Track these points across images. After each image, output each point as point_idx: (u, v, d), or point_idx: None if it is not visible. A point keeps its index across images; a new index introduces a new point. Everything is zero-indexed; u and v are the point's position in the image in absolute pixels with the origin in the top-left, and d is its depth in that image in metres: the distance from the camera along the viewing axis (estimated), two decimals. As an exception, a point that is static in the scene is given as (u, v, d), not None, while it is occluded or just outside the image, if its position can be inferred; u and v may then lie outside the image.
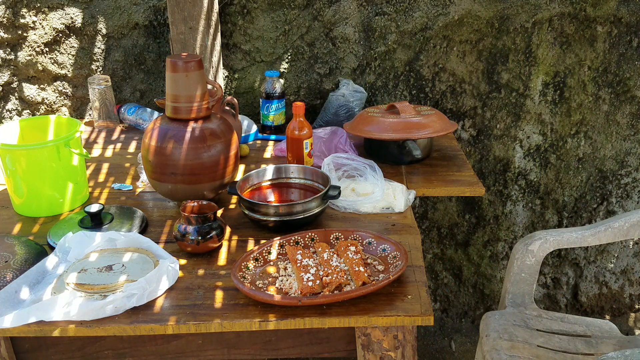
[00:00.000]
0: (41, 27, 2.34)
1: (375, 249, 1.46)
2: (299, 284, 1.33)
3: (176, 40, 2.26)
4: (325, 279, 1.32)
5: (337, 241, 1.49)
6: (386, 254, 1.44)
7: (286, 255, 1.45)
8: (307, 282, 1.31)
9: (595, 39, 2.35)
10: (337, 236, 1.50)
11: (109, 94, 2.27)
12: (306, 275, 1.33)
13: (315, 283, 1.31)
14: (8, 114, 2.47)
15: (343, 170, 1.82)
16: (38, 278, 1.38)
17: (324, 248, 1.43)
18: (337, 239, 1.49)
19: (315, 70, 2.40)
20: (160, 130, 1.63)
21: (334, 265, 1.36)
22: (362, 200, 1.68)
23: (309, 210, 1.57)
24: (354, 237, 1.49)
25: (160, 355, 1.34)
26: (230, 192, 1.66)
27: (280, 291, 1.33)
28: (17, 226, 1.66)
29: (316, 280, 1.32)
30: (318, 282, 1.32)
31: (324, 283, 1.32)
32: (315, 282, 1.32)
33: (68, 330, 1.25)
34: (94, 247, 1.45)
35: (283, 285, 1.34)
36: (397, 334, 1.29)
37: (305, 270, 1.35)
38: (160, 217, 1.69)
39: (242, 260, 1.40)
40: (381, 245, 1.46)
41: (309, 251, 1.45)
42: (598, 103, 2.44)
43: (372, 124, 1.97)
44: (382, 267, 1.41)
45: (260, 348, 1.34)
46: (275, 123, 2.28)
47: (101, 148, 2.17)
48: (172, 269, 1.37)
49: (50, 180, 1.68)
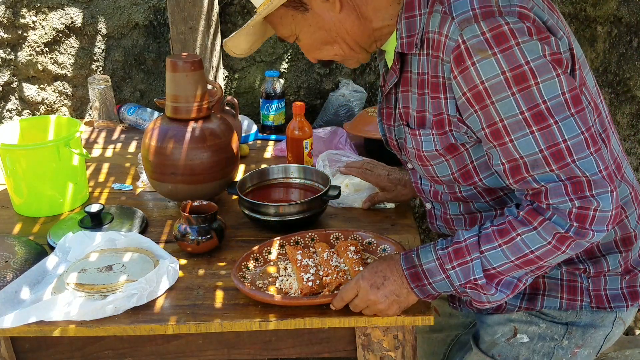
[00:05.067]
0: (41, 27, 2.34)
1: (376, 249, 1.46)
2: (299, 284, 1.33)
3: (176, 40, 2.26)
4: (326, 279, 1.32)
5: (337, 241, 1.49)
6: (386, 253, 1.44)
7: (286, 255, 1.45)
8: (307, 282, 1.31)
9: (595, 39, 2.35)
10: (337, 236, 1.50)
11: (109, 94, 2.27)
12: (306, 275, 1.33)
13: (315, 283, 1.31)
14: (8, 114, 2.47)
15: (338, 166, 1.83)
16: (38, 278, 1.38)
17: (324, 248, 1.43)
18: (337, 239, 1.49)
19: (315, 70, 2.40)
20: (161, 130, 1.63)
21: (334, 265, 1.36)
22: (355, 196, 1.69)
23: (309, 210, 1.57)
24: (354, 237, 1.49)
25: (160, 355, 1.34)
26: (230, 192, 1.66)
27: (281, 291, 1.33)
28: (17, 226, 1.66)
29: (316, 280, 1.32)
30: (318, 282, 1.32)
31: (324, 283, 1.32)
32: (315, 282, 1.32)
33: (68, 330, 1.25)
34: (94, 247, 1.45)
35: (283, 286, 1.34)
36: (397, 333, 1.29)
37: (305, 270, 1.35)
38: (160, 217, 1.69)
39: (243, 260, 1.40)
40: (381, 245, 1.46)
41: (309, 251, 1.45)
42: (598, 103, 2.45)
43: (372, 124, 1.97)
44: None
45: (260, 348, 1.34)
46: (275, 123, 2.28)
47: (101, 148, 2.17)
48: (172, 269, 1.37)
49: (51, 180, 1.68)
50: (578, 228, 1.06)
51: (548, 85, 1.03)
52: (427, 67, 1.15)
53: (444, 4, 1.10)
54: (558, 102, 1.04)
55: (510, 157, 1.09)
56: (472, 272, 1.13)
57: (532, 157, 1.07)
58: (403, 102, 1.26)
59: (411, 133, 1.24)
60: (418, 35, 1.16)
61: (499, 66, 1.03)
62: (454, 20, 1.07)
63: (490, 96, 1.05)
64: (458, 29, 1.06)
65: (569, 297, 1.29)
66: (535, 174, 1.07)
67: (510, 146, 1.07)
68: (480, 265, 1.12)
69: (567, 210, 1.06)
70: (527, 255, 1.10)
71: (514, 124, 1.05)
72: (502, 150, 1.09)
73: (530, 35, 1.03)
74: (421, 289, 1.19)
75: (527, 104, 1.04)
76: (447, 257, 1.15)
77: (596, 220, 1.06)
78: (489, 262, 1.12)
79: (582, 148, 1.05)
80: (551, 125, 1.04)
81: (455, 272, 1.15)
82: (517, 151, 1.07)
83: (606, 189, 1.05)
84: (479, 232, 1.14)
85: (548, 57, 1.04)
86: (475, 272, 1.13)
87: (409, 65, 1.21)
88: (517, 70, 1.03)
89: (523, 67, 1.03)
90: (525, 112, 1.04)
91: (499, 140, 1.08)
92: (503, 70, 1.03)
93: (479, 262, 1.12)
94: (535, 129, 1.05)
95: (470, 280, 1.14)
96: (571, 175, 1.05)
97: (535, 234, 1.09)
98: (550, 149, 1.05)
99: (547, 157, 1.05)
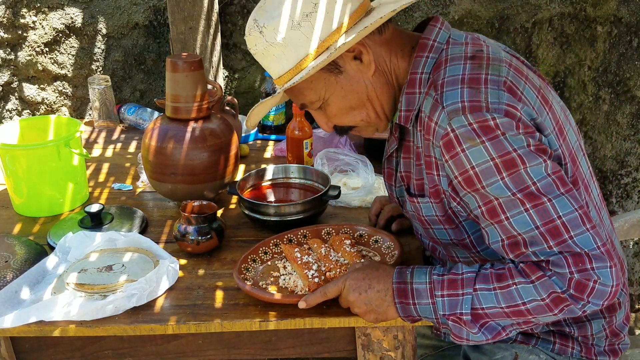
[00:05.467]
0: (41, 27, 2.34)
1: (368, 241, 1.47)
2: (304, 281, 1.32)
3: (176, 40, 2.26)
4: (329, 274, 1.32)
5: (328, 236, 1.49)
6: (379, 245, 1.45)
7: (282, 253, 1.45)
8: (312, 278, 1.31)
9: (595, 39, 2.35)
10: (329, 231, 1.50)
11: (109, 94, 2.27)
12: (310, 272, 1.33)
13: (320, 279, 1.31)
14: (8, 114, 2.47)
15: (336, 165, 1.83)
16: (38, 278, 1.38)
17: (319, 244, 1.43)
18: (329, 234, 1.50)
19: (315, 70, 2.40)
20: (161, 130, 1.63)
21: (334, 260, 1.36)
22: (353, 194, 1.69)
23: (309, 210, 1.57)
24: (345, 230, 1.49)
25: (160, 355, 1.34)
26: (230, 192, 1.66)
27: (286, 290, 1.33)
28: (17, 226, 1.66)
29: (320, 276, 1.32)
30: (323, 278, 1.32)
31: (328, 278, 1.32)
32: (320, 277, 1.31)
33: (68, 330, 1.25)
34: (94, 247, 1.45)
35: (287, 284, 1.34)
36: (397, 334, 1.29)
37: (308, 268, 1.34)
38: (160, 217, 1.69)
39: (241, 262, 1.39)
40: (373, 236, 1.47)
41: (304, 248, 1.44)
42: (598, 103, 2.44)
43: (372, 124, 1.97)
44: (379, 258, 1.41)
45: (261, 348, 1.34)
46: (275, 123, 2.28)
47: (101, 148, 2.17)
48: (172, 269, 1.37)
49: (51, 180, 1.68)
50: (574, 294, 1.07)
51: (536, 169, 1.06)
52: (421, 144, 1.19)
53: (437, 91, 1.13)
54: (547, 183, 1.07)
55: (509, 233, 1.10)
56: (460, 306, 1.13)
57: (529, 234, 1.08)
58: (405, 167, 1.29)
59: (409, 200, 1.27)
60: (414, 112, 1.19)
61: (488, 153, 1.07)
62: (444, 109, 1.10)
63: (481, 180, 1.08)
64: (447, 118, 1.09)
65: (561, 343, 1.31)
66: (535, 249, 1.08)
67: (507, 224, 1.09)
68: (470, 302, 1.12)
69: (567, 277, 1.06)
70: (518, 305, 1.10)
71: (508, 202, 1.08)
72: (500, 228, 1.10)
73: (516, 130, 1.07)
74: (404, 307, 1.18)
75: (517, 187, 1.07)
76: (440, 284, 1.14)
77: (595, 292, 1.06)
78: (480, 301, 1.12)
79: (578, 224, 1.06)
80: (544, 203, 1.06)
81: (442, 301, 1.14)
82: (514, 228, 1.09)
83: (606, 264, 1.05)
84: (477, 270, 1.14)
85: (532, 148, 1.07)
86: (464, 307, 1.12)
87: (410, 136, 1.24)
88: (506, 157, 1.06)
89: (511, 154, 1.06)
90: (516, 193, 1.07)
91: (496, 218, 1.10)
92: (492, 156, 1.07)
93: (469, 299, 1.12)
94: (529, 206, 1.07)
95: (456, 313, 1.13)
96: (570, 251, 1.06)
97: (531, 287, 1.08)
98: (546, 225, 1.06)
99: (544, 233, 1.06)
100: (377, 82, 1.22)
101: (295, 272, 1.38)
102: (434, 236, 1.30)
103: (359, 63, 1.19)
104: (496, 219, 1.10)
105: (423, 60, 1.18)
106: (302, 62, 1.16)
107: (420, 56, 1.19)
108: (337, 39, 1.15)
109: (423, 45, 1.19)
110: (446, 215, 1.22)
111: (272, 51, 1.17)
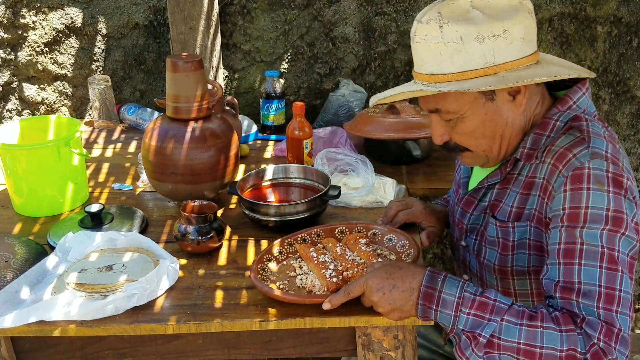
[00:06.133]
0: (41, 27, 2.34)
1: (382, 239, 1.46)
2: (322, 281, 1.32)
3: (176, 40, 2.26)
4: (346, 273, 1.32)
5: (342, 235, 1.49)
6: (393, 243, 1.45)
7: (296, 253, 1.45)
8: (330, 278, 1.31)
9: (595, 39, 2.35)
10: (342, 230, 1.50)
11: (109, 94, 2.27)
12: (327, 271, 1.33)
13: (338, 279, 1.31)
14: (8, 114, 2.47)
15: (336, 165, 1.83)
16: (38, 278, 1.38)
17: (334, 243, 1.43)
18: (343, 233, 1.50)
19: (315, 70, 2.40)
20: (161, 130, 1.63)
21: (350, 259, 1.36)
22: (353, 194, 1.69)
23: (309, 210, 1.57)
24: (359, 229, 1.49)
25: (160, 355, 1.34)
26: (230, 192, 1.66)
27: (304, 290, 1.33)
28: (17, 226, 1.66)
29: (338, 275, 1.32)
30: (341, 277, 1.32)
31: (345, 278, 1.32)
32: (338, 277, 1.31)
33: (68, 330, 1.25)
34: (94, 247, 1.45)
35: (304, 284, 1.34)
36: (398, 333, 1.29)
37: (325, 267, 1.34)
38: (160, 217, 1.69)
39: (257, 262, 1.39)
40: (386, 235, 1.47)
41: (319, 247, 1.44)
42: (598, 103, 2.44)
43: (372, 124, 1.98)
44: (394, 257, 1.41)
45: (261, 348, 1.34)
46: (275, 123, 2.28)
47: (101, 148, 2.17)
48: (172, 268, 1.37)
49: (51, 180, 1.68)
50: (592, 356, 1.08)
51: (627, 242, 1.13)
52: (545, 173, 1.22)
53: (583, 133, 1.20)
54: (625, 260, 1.13)
55: (571, 278, 1.13)
56: (481, 328, 1.13)
57: (589, 287, 1.12)
58: (497, 196, 1.33)
59: (500, 225, 1.31)
60: (540, 149, 1.24)
61: (608, 203, 1.13)
62: (588, 148, 1.17)
63: (586, 221, 1.14)
64: (589, 155, 1.16)
65: None
66: (583, 302, 1.12)
67: (576, 268, 1.13)
68: (492, 329, 1.13)
69: (592, 342, 1.09)
70: (534, 347, 1.11)
71: (592, 252, 1.12)
72: (566, 269, 1.14)
73: (633, 199, 1.16)
74: (425, 309, 1.18)
75: (609, 244, 1.12)
76: (470, 303, 1.15)
77: None
78: (501, 331, 1.12)
79: (627, 305, 1.12)
80: (618, 271, 1.12)
81: (467, 318, 1.15)
82: (579, 275, 1.13)
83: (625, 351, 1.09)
84: (511, 304, 1.16)
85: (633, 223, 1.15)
86: (485, 330, 1.13)
87: (518, 169, 1.29)
88: (618, 215, 1.13)
89: (623, 215, 1.13)
90: (605, 248, 1.12)
91: (569, 259, 1.14)
92: (609, 208, 1.13)
93: (493, 325, 1.13)
94: (605, 266, 1.12)
95: (475, 332, 1.14)
96: (609, 321, 1.10)
97: (557, 336, 1.10)
98: (608, 289, 1.11)
99: (602, 294, 1.11)
100: (516, 124, 1.27)
101: (311, 271, 1.37)
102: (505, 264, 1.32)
103: (511, 100, 1.24)
104: (569, 260, 1.14)
105: (560, 112, 1.26)
106: (466, 73, 1.19)
107: (558, 109, 1.26)
108: (509, 69, 1.19)
109: (565, 101, 1.27)
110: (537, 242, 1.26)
111: (442, 49, 1.19)
